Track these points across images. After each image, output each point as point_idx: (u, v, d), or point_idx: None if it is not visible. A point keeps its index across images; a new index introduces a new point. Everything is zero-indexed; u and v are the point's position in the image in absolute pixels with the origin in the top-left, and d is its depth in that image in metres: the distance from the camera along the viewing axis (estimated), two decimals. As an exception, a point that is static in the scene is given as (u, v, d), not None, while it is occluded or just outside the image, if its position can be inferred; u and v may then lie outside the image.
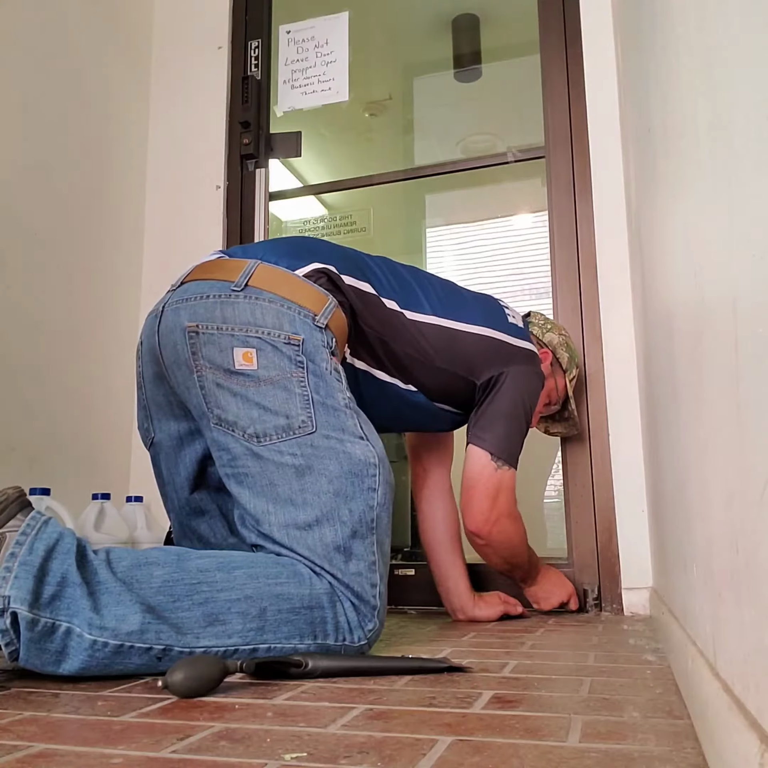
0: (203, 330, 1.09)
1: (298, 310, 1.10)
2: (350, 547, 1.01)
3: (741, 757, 0.41)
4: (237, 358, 1.07)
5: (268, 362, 1.07)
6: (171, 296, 1.16)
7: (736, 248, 0.44)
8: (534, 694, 0.78)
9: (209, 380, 1.08)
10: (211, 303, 1.10)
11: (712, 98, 0.50)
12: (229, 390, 1.06)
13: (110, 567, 0.89)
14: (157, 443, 1.22)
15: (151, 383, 1.20)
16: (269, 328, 1.08)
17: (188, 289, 1.14)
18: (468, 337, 1.36)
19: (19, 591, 0.82)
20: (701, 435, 0.61)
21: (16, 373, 1.64)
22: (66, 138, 1.84)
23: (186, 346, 1.09)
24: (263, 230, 2.06)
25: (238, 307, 1.09)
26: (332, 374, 1.09)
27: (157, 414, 1.21)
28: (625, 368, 1.68)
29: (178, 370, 1.11)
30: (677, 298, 0.75)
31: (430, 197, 2.96)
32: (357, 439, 1.06)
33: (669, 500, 0.99)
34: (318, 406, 1.06)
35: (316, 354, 1.08)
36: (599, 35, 1.84)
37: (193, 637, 0.89)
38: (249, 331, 1.08)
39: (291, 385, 1.06)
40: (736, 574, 0.47)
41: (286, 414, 1.05)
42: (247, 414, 1.05)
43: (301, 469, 1.03)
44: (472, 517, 1.38)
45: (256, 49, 2.16)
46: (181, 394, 1.13)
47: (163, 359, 1.14)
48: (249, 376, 1.06)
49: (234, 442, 1.06)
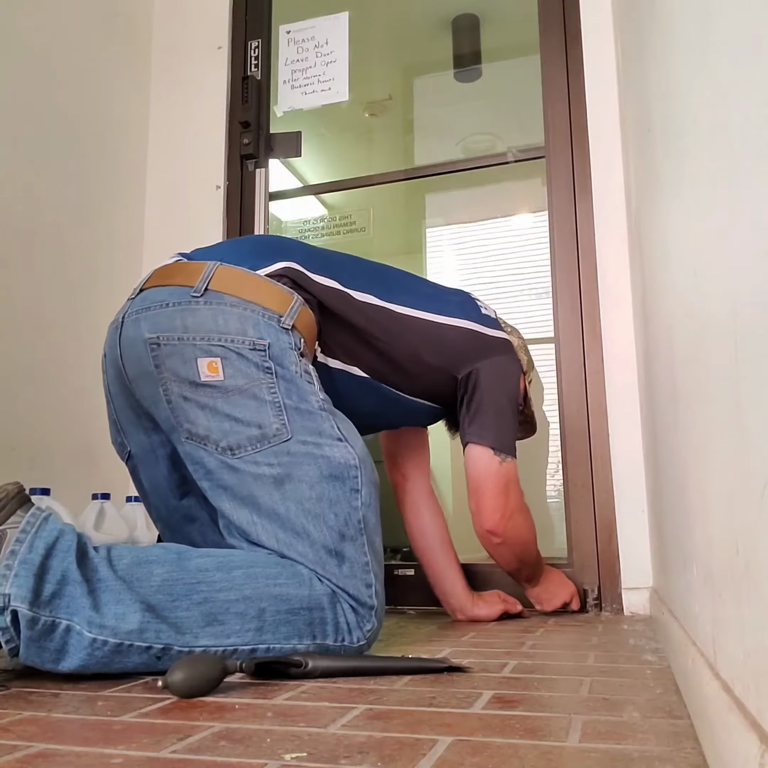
0: (165, 341, 1.05)
1: (261, 313, 1.06)
2: (341, 550, 1.00)
3: (741, 757, 0.41)
4: (202, 369, 1.03)
5: (235, 371, 1.03)
6: (130, 305, 1.11)
7: (736, 248, 0.43)
8: (534, 694, 0.78)
9: (175, 393, 1.04)
10: (171, 312, 1.06)
11: (712, 98, 0.50)
12: (196, 403, 1.03)
13: (111, 564, 0.89)
14: (134, 455, 1.19)
15: (118, 396, 1.16)
16: (233, 335, 1.04)
17: (147, 297, 1.10)
18: (446, 329, 1.33)
19: (20, 589, 0.82)
20: (701, 435, 0.61)
21: (16, 373, 1.64)
22: (66, 138, 1.84)
23: (149, 358, 1.05)
24: (263, 230, 2.05)
25: (199, 314, 1.05)
26: (303, 377, 1.06)
27: (128, 427, 1.18)
28: (625, 368, 1.68)
29: (143, 383, 1.08)
30: (677, 298, 0.75)
31: (430, 197, 2.96)
32: (335, 442, 1.04)
33: (669, 500, 0.99)
34: (291, 411, 1.03)
35: (284, 357, 1.05)
36: (599, 35, 1.84)
37: (191, 637, 0.89)
38: (212, 339, 1.04)
39: (261, 392, 1.03)
40: (736, 574, 0.47)
41: (258, 424, 1.01)
42: (218, 427, 1.02)
43: (279, 479, 1.00)
44: (488, 515, 1.34)
45: (256, 49, 2.16)
46: (148, 407, 1.10)
47: (126, 372, 1.10)
48: (216, 387, 1.03)
49: (208, 456, 1.03)
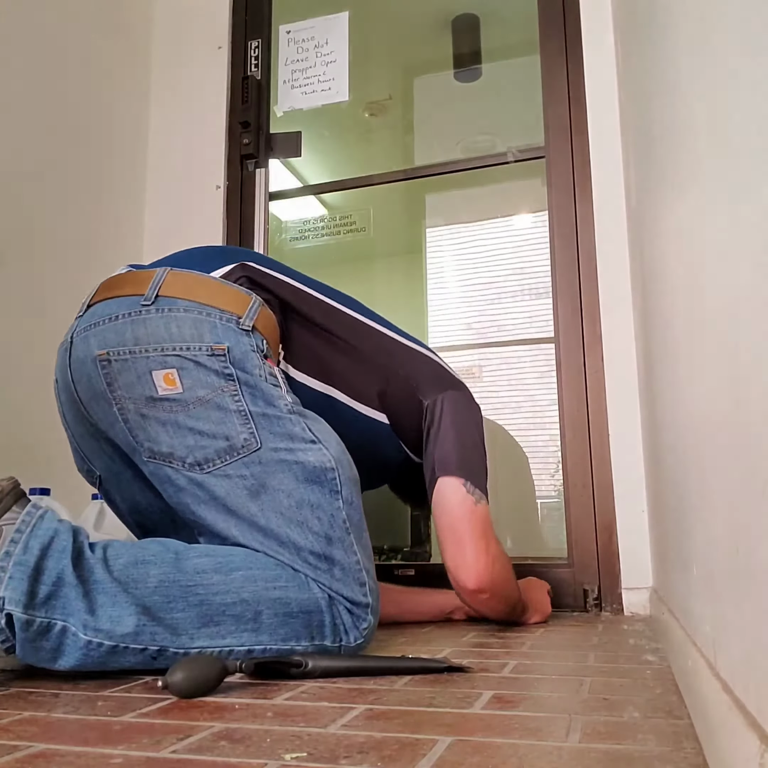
0: (115, 357, 0.98)
1: (218, 315, 1.00)
2: (330, 554, 0.97)
3: (741, 757, 0.41)
4: (158, 382, 0.97)
5: (194, 381, 0.97)
6: (78, 323, 1.05)
7: (736, 248, 0.43)
8: (534, 694, 0.78)
9: (132, 412, 0.98)
10: (121, 324, 0.99)
11: (712, 98, 0.50)
12: (156, 420, 0.97)
13: (107, 565, 0.87)
14: (104, 480, 1.14)
15: (74, 424, 1.10)
16: (188, 342, 0.97)
17: (95, 312, 1.03)
18: (414, 353, 1.24)
19: (14, 592, 0.81)
20: (701, 435, 0.61)
21: (17, 372, 1.64)
22: (66, 138, 1.84)
23: (100, 377, 0.99)
24: (263, 230, 2.05)
25: (150, 323, 0.98)
26: (268, 380, 1.00)
27: (90, 454, 1.12)
28: (625, 368, 1.68)
29: (97, 405, 1.02)
30: (677, 298, 0.75)
31: (430, 197, 2.96)
32: (308, 445, 0.99)
33: (669, 500, 0.99)
34: (258, 418, 0.97)
35: (246, 361, 0.99)
36: (599, 35, 1.84)
37: (187, 638, 0.89)
38: (165, 349, 0.97)
39: (224, 402, 0.97)
40: (736, 574, 0.47)
41: (225, 435, 0.96)
42: (181, 443, 0.96)
43: (254, 490, 0.96)
44: (471, 569, 1.14)
45: (256, 49, 2.16)
46: (105, 430, 1.04)
47: (78, 396, 1.04)
48: (175, 400, 0.97)
49: (175, 473, 0.98)
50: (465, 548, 1.15)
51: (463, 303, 2.94)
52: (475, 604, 1.22)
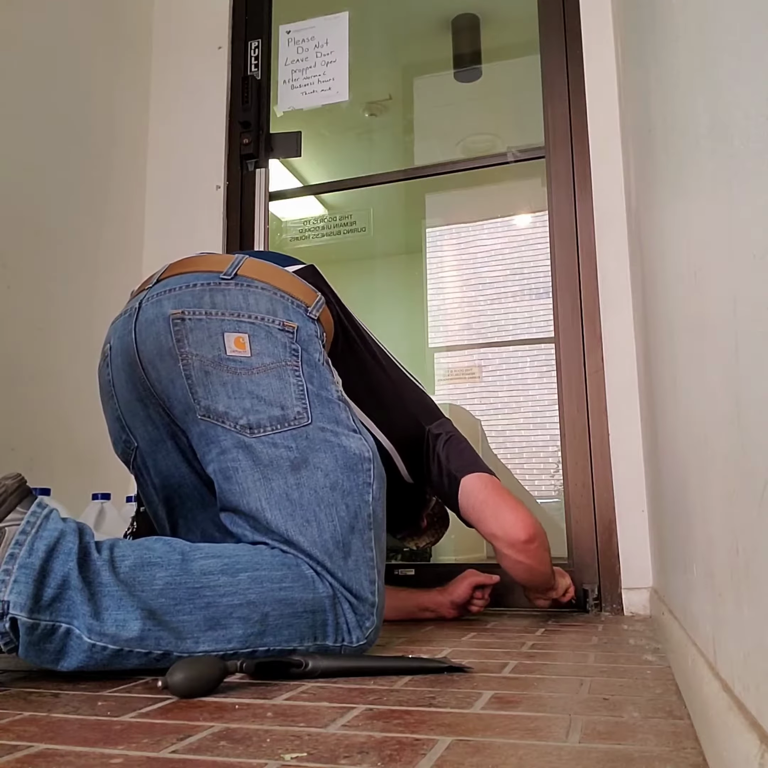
0: (190, 316, 1.03)
1: (290, 300, 1.07)
2: (349, 543, 0.99)
3: (741, 757, 0.41)
4: (228, 343, 1.01)
5: (262, 348, 1.02)
6: (147, 293, 1.09)
7: (736, 248, 0.43)
8: (534, 694, 0.78)
9: (196, 368, 1.01)
10: (199, 290, 1.05)
11: (712, 98, 0.50)
12: (218, 378, 1.01)
13: (113, 567, 0.86)
14: (142, 451, 1.15)
15: (123, 389, 1.12)
16: (263, 314, 1.03)
17: (168, 283, 1.08)
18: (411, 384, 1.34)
19: (19, 596, 0.80)
20: (701, 434, 0.61)
21: (17, 372, 1.64)
22: (66, 138, 1.84)
23: (170, 334, 1.03)
24: (263, 230, 2.05)
25: (228, 293, 1.04)
26: (324, 365, 1.06)
27: (132, 421, 1.13)
28: (625, 368, 1.68)
29: (161, 362, 1.04)
30: (677, 298, 0.75)
31: (430, 197, 2.96)
32: (351, 432, 1.03)
33: (669, 500, 0.99)
34: (313, 397, 1.02)
35: (310, 344, 1.05)
36: (599, 35, 1.84)
37: (192, 642, 0.88)
38: (241, 315, 1.03)
39: (285, 374, 1.02)
40: (736, 574, 0.47)
41: (281, 404, 1.00)
42: (238, 404, 1.00)
43: (296, 463, 0.99)
44: (519, 523, 1.24)
45: (256, 49, 2.16)
46: (163, 390, 1.05)
47: (140, 356, 1.06)
48: (241, 362, 1.01)
49: (224, 434, 1.00)
50: (505, 511, 1.25)
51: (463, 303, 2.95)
52: (529, 556, 1.28)
